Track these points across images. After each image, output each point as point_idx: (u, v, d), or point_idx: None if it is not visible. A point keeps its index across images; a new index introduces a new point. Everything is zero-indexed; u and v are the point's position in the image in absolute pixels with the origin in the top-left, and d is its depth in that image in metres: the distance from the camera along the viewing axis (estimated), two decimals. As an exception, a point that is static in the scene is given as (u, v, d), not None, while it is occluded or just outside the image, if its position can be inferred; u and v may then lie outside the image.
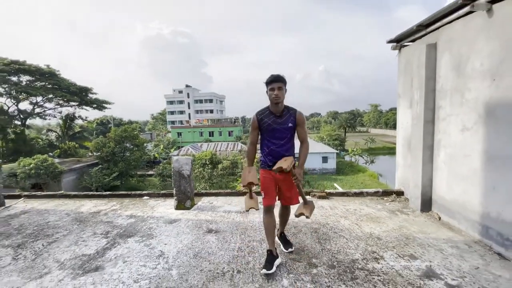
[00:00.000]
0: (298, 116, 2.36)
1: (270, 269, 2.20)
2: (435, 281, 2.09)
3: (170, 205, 4.24)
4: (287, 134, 2.35)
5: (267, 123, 2.36)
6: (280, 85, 2.25)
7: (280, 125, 2.33)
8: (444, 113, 3.25)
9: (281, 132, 2.34)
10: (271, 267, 2.22)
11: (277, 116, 2.35)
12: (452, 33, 3.03)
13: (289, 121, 2.34)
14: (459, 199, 3.03)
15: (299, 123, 2.37)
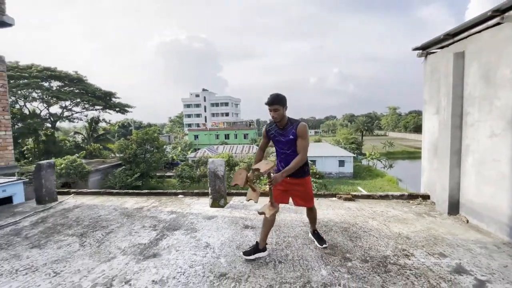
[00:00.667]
0: (298, 128, 2.48)
1: (247, 255, 2.57)
2: (465, 276, 2.25)
3: (204, 203, 4.57)
4: (291, 145, 2.53)
5: (273, 135, 2.63)
6: (276, 107, 2.44)
7: (283, 137, 2.55)
8: (472, 119, 3.37)
9: (284, 144, 2.56)
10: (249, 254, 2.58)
11: (281, 129, 2.57)
12: (481, 42, 3.17)
13: (290, 134, 2.51)
14: (488, 202, 3.13)
15: (299, 135, 2.49)
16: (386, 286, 2.15)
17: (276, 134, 2.61)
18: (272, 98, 2.44)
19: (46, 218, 4.03)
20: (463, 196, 3.57)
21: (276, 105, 2.44)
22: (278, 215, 3.85)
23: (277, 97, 2.45)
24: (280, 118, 2.49)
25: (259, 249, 2.62)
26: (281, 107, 2.46)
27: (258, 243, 2.64)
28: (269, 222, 2.62)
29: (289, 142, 2.53)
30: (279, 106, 2.45)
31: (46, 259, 2.72)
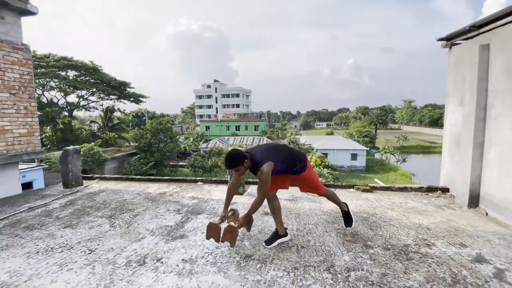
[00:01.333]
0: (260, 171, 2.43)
1: (268, 245, 2.65)
2: (485, 265, 2.29)
3: (224, 190, 4.71)
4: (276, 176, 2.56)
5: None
6: (236, 169, 2.49)
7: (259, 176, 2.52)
8: (496, 113, 3.31)
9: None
10: (269, 243, 2.66)
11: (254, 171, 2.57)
12: (506, 35, 3.08)
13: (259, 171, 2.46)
14: (509, 196, 3.11)
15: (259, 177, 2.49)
16: (408, 272, 2.22)
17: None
18: (227, 164, 2.50)
19: (75, 200, 4.28)
20: (484, 189, 3.55)
21: (234, 167, 2.49)
22: (296, 204, 3.95)
23: (231, 161, 2.47)
24: (244, 172, 2.57)
25: (279, 235, 2.72)
26: (241, 165, 2.47)
27: (277, 230, 2.74)
28: (275, 209, 2.74)
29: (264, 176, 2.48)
30: (237, 167, 2.47)
31: (79, 238, 2.93)
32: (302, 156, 2.72)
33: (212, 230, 2.56)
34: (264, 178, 2.42)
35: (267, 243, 2.67)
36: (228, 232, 2.50)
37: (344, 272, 2.22)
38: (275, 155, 2.53)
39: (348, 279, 2.13)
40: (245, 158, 2.47)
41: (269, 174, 2.41)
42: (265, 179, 2.42)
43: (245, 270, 2.26)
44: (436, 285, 2.04)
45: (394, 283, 2.07)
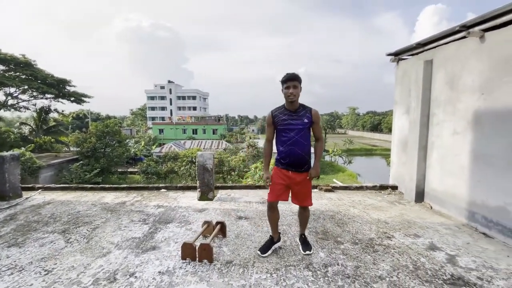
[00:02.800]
0: (314, 113, 2.38)
1: (264, 253, 2.51)
2: (438, 252, 2.65)
3: (191, 196, 4.53)
4: (302, 130, 2.34)
5: (281, 119, 2.38)
6: (296, 84, 2.30)
7: (296, 120, 2.34)
8: (438, 119, 3.89)
9: (295, 128, 2.34)
10: (265, 251, 2.53)
11: (293, 112, 2.37)
12: (447, 53, 3.66)
13: (304, 117, 2.35)
14: (449, 191, 3.67)
15: (314, 120, 2.38)
16: (377, 263, 2.44)
17: (287, 118, 2.36)
18: (293, 74, 2.32)
19: (15, 215, 3.64)
20: (428, 185, 4.11)
21: (296, 81, 2.30)
22: (268, 206, 4.01)
23: (297, 74, 2.33)
24: (297, 97, 2.34)
25: (274, 242, 2.63)
26: (300, 85, 2.33)
27: (272, 237, 2.64)
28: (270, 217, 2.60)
29: (302, 126, 2.35)
30: (298, 83, 2.31)
31: (30, 257, 2.51)
32: None
33: (187, 249, 2.43)
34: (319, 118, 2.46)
35: (262, 251, 2.54)
36: (202, 250, 2.40)
37: (322, 268, 2.33)
38: None
39: (327, 275, 2.24)
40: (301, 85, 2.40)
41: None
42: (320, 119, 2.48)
43: (228, 276, 2.21)
44: (402, 273, 2.28)
45: (366, 274, 2.26)
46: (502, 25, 2.80)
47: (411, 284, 2.12)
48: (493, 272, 2.27)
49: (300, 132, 2.35)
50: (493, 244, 2.80)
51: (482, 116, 3.13)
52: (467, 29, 3.17)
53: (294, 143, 2.37)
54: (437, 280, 2.18)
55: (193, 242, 2.46)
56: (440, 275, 2.24)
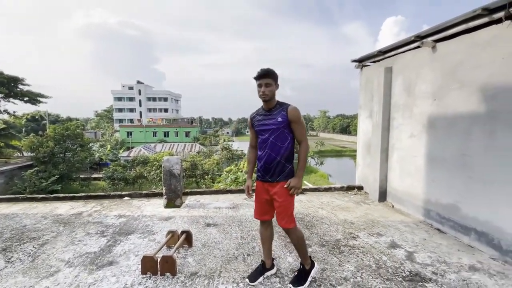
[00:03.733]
0: (290, 110, 2.00)
1: (252, 281, 2.15)
2: (398, 250, 2.78)
3: (157, 204, 4.30)
4: (277, 130, 2.02)
5: (257, 119, 2.13)
6: (268, 81, 1.99)
7: (269, 120, 2.05)
8: (397, 123, 4.13)
9: (268, 129, 2.05)
10: (254, 279, 2.16)
11: (268, 112, 2.08)
12: (404, 61, 3.91)
13: (278, 116, 2.02)
14: (408, 190, 3.90)
15: (291, 119, 2.00)
16: (342, 264, 2.49)
17: (261, 118, 2.10)
18: (265, 70, 1.99)
19: None
20: (390, 185, 4.34)
21: (269, 79, 1.99)
22: (237, 211, 3.94)
23: (271, 70, 2.01)
24: (270, 96, 2.02)
25: (266, 268, 2.26)
26: (274, 82, 2.02)
27: (263, 262, 2.27)
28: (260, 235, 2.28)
29: (275, 126, 2.02)
30: (272, 80, 2.00)
31: (-42, 283, 2.17)
32: None
33: (147, 263, 2.27)
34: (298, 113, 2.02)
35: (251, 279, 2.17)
36: (164, 262, 2.26)
37: (290, 274, 2.32)
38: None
39: (295, 280, 2.23)
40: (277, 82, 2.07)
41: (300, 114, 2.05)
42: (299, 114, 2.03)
43: (192, 289, 2.10)
44: (365, 272, 2.35)
45: (332, 276, 2.28)
46: (451, 36, 3.04)
47: (373, 283, 2.18)
48: (446, 266, 2.43)
49: (274, 133, 2.03)
50: (446, 239, 3.01)
51: (435, 121, 3.37)
52: (421, 39, 3.40)
53: (269, 146, 2.04)
54: (397, 277, 2.27)
55: (155, 254, 2.31)
56: (399, 273, 2.34)
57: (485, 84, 2.67)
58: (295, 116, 2.01)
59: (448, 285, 2.15)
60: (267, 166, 2.06)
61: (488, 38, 2.61)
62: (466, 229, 2.91)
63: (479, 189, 2.75)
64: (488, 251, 2.63)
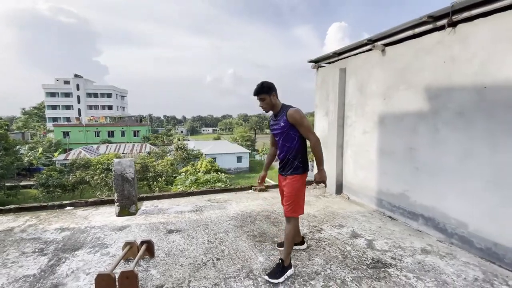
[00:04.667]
0: (289, 115, 2.21)
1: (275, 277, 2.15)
2: (359, 239, 2.96)
3: (108, 212, 3.83)
4: (282, 134, 2.28)
5: (270, 124, 2.46)
6: (261, 97, 2.27)
7: (276, 125, 2.33)
8: (351, 121, 4.41)
9: (277, 133, 2.33)
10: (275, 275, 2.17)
11: (275, 117, 2.38)
12: (357, 62, 4.19)
13: (281, 121, 2.27)
14: (361, 182, 4.21)
15: (291, 122, 2.21)
16: (312, 258, 2.54)
17: (272, 123, 2.40)
18: (257, 88, 2.27)
19: None
20: (345, 179, 4.63)
21: (261, 95, 2.26)
22: (201, 214, 3.74)
23: (261, 86, 2.26)
24: (269, 107, 2.31)
25: (285, 267, 2.21)
26: (268, 96, 2.26)
27: (283, 261, 2.22)
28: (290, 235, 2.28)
29: (280, 130, 2.28)
30: (264, 95, 2.26)
31: None
32: None
33: (103, 282, 1.95)
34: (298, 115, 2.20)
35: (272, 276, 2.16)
36: (124, 279, 1.98)
37: (263, 274, 2.27)
38: None
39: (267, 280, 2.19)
40: (276, 91, 2.29)
41: (303, 115, 2.23)
42: (300, 115, 2.21)
43: (158, 305, 1.89)
44: (333, 264, 2.43)
45: (304, 272, 2.31)
46: (400, 41, 3.35)
47: (342, 274, 2.27)
48: (402, 251, 2.67)
49: (282, 136, 2.31)
50: (397, 226, 3.32)
51: (385, 118, 3.69)
52: (372, 42, 3.68)
53: (280, 147, 2.37)
54: (362, 266, 2.40)
55: (111, 270, 2.02)
56: (363, 261, 2.49)
57: (429, 85, 3.00)
58: (293, 118, 2.21)
59: (406, 268, 2.36)
60: (280, 163, 2.40)
61: (432, 43, 2.94)
62: (414, 215, 3.25)
63: (425, 179, 3.09)
64: (435, 234, 2.98)
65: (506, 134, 2.32)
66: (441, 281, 2.18)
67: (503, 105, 2.33)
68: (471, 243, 2.61)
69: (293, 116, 2.20)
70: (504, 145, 2.33)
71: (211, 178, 9.34)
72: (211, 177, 9.55)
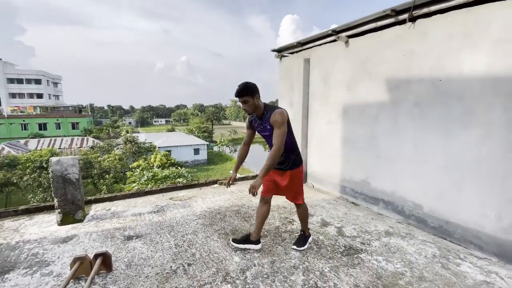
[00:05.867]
0: (271, 117, 2.17)
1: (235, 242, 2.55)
2: (329, 227, 3.03)
3: (46, 221, 3.23)
4: (270, 136, 2.24)
5: (257, 123, 2.38)
6: (244, 99, 2.19)
7: (262, 127, 2.31)
8: (315, 111, 4.48)
9: (265, 135, 2.34)
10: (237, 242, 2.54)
11: (260, 119, 2.31)
12: (321, 53, 4.22)
13: (267, 123, 2.24)
14: (326, 171, 4.34)
15: (272, 124, 2.17)
16: (288, 252, 2.49)
17: (258, 125, 2.37)
18: (239, 89, 2.18)
19: None
20: (310, 168, 4.73)
21: (244, 97, 2.19)
22: (164, 215, 3.41)
23: (244, 87, 2.18)
24: (252, 109, 2.24)
25: (250, 240, 2.51)
26: (251, 97, 2.19)
27: (250, 234, 2.54)
28: (260, 213, 2.49)
29: (269, 132, 2.26)
30: (247, 97, 2.19)
31: None
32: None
33: None
34: (279, 118, 2.13)
35: (235, 241, 2.54)
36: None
37: (241, 275, 2.14)
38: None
39: (247, 281, 2.07)
40: (256, 93, 2.21)
41: (284, 117, 2.16)
42: (281, 118, 2.13)
43: (124, 329, 1.61)
44: (310, 255, 2.42)
45: (282, 267, 2.25)
46: (363, 33, 3.43)
47: (320, 265, 2.27)
48: (368, 235, 2.81)
49: (270, 137, 2.27)
50: (361, 211, 3.51)
51: (348, 108, 3.81)
52: (337, 33, 3.71)
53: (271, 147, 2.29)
54: (337, 254, 2.45)
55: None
56: (337, 249, 2.54)
57: (390, 76, 3.15)
58: (274, 121, 2.17)
59: (375, 252, 2.48)
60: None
61: (393, 37, 3.06)
62: (375, 200, 3.47)
63: (385, 166, 3.29)
64: (394, 216, 3.21)
65: (456, 123, 2.55)
66: (406, 261, 2.34)
67: (455, 97, 2.55)
68: (426, 223, 2.88)
69: (274, 118, 2.16)
70: (455, 133, 2.57)
71: (170, 173, 8.71)
72: (170, 172, 8.92)
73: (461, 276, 2.12)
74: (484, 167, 2.36)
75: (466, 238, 2.53)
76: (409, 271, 2.18)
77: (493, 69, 2.26)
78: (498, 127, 2.25)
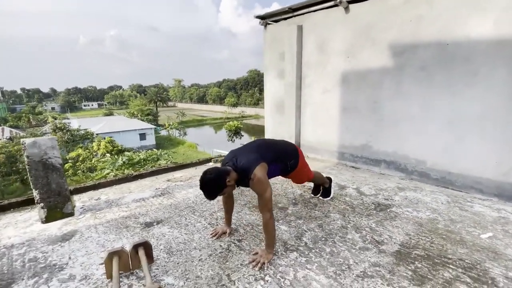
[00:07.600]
0: (251, 187, 1.87)
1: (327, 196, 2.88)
2: (347, 189, 3.15)
3: (21, 220, 2.55)
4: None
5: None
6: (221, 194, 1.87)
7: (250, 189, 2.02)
8: (310, 80, 4.47)
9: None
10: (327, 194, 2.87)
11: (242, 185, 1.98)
12: (317, 19, 4.14)
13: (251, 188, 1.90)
14: (321, 140, 4.46)
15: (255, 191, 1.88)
16: (327, 215, 2.51)
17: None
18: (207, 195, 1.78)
19: None
20: (303, 138, 4.79)
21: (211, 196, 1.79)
22: (173, 197, 3.05)
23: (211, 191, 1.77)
24: (231, 190, 1.96)
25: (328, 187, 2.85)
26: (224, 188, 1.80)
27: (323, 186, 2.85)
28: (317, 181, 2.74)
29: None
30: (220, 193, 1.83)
31: None
32: (294, 147, 2.38)
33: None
34: (259, 187, 1.81)
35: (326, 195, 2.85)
36: None
37: (299, 242, 2.07)
38: (266, 154, 1.99)
39: (308, 246, 2.01)
40: (226, 175, 1.79)
41: (264, 179, 1.82)
42: (262, 188, 1.80)
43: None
44: (348, 214, 2.49)
45: (332, 228, 2.26)
46: (365, -1, 3.45)
47: (364, 222, 2.36)
48: (386, 192, 3.02)
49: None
50: (364, 173, 3.75)
51: (348, 76, 3.90)
52: (338, -2, 3.66)
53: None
54: (372, 211, 2.57)
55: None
56: (368, 207, 2.67)
57: (394, 42, 3.28)
58: (254, 188, 1.86)
59: (402, 205, 2.69)
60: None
61: (400, 2, 3.16)
62: (376, 161, 3.73)
63: (388, 128, 3.53)
64: (396, 174, 3.52)
65: (462, 83, 2.85)
66: (431, 209, 2.60)
67: (461, 58, 2.81)
68: (429, 176, 3.24)
69: (254, 188, 1.84)
70: (460, 92, 2.88)
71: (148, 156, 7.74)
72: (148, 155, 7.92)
73: (480, 215, 2.47)
74: (486, 120, 2.72)
75: (467, 184, 2.95)
76: (439, 216, 2.44)
77: (499, 33, 2.54)
78: (501, 83, 2.59)
